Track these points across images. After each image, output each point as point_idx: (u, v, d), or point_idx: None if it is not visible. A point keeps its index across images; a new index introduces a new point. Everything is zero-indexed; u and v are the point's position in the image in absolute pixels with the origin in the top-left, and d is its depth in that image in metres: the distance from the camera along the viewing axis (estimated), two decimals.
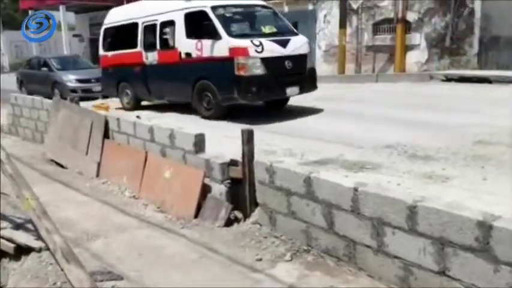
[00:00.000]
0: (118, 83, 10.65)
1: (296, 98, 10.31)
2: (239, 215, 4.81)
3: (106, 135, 6.78)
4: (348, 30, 15.94)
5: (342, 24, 15.80)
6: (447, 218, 3.06)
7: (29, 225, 4.88)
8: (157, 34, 9.42)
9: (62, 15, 33.07)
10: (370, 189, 3.56)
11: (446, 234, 3.07)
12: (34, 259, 4.22)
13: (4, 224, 5.00)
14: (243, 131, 4.65)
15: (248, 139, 4.60)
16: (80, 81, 15.54)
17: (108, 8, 34.62)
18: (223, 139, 6.32)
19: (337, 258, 3.83)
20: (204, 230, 4.70)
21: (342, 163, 5.06)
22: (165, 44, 9.29)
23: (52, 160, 7.78)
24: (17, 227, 4.94)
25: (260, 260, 3.96)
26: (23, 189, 4.37)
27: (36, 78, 17.04)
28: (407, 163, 5.33)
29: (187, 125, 6.16)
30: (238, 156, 4.95)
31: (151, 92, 9.94)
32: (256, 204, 4.61)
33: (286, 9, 18.27)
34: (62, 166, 7.51)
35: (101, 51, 11.34)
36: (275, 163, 4.36)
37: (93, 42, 36.19)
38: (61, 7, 32.06)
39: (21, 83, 18.43)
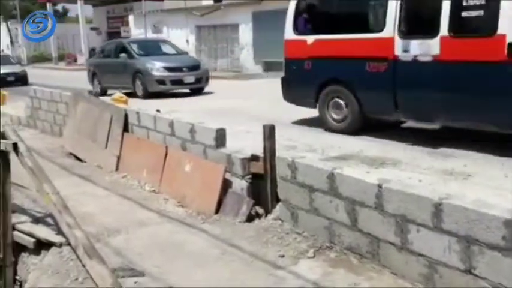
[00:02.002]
0: (322, 87, 6.95)
1: None
2: (260, 210, 4.80)
3: (125, 128, 6.81)
4: None
5: None
6: (474, 216, 3.03)
7: (49, 220, 4.93)
8: (445, 6, 5.53)
9: (80, 9, 33.39)
10: (394, 185, 3.54)
11: (472, 233, 3.03)
12: (54, 254, 4.24)
13: (24, 218, 5.05)
14: (264, 126, 4.64)
15: (270, 134, 4.59)
16: (168, 69, 13.01)
17: (125, 1, 34.70)
18: (243, 134, 6.33)
19: (360, 256, 3.81)
20: (225, 225, 4.70)
21: (362, 159, 5.05)
22: (467, 25, 5.66)
23: (71, 153, 7.83)
24: (37, 221, 4.97)
25: (283, 256, 3.95)
26: (44, 183, 4.39)
27: (113, 68, 14.28)
28: (427, 159, 5.30)
29: (207, 119, 6.15)
30: (257, 151, 4.97)
31: (404, 107, 6.20)
32: (278, 200, 4.61)
33: None
34: (80, 160, 7.55)
35: (289, 34, 7.58)
36: (297, 159, 4.34)
37: (111, 36, 36.58)
38: (79, 0, 32.31)
39: (93, 76, 15.44)
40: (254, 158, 4.92)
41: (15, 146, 4.37)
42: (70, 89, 10.58)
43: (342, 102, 6.75)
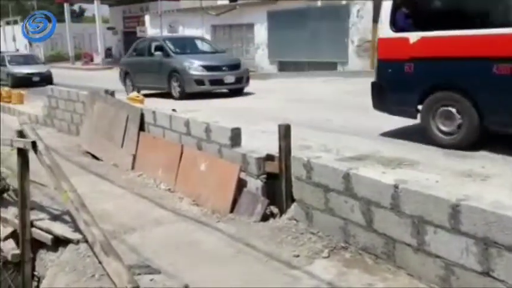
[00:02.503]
0: (428, 93, 5.74)
1: (327, 94, 10.28)
2: (275, 210, 4.80)
3: (141, 127, 6.86)
4: None
5: (376, 19, 15.59)
6: (492, 218, 2.99)
7: (66, 217, 5.00)
8: None
9: (96, 8, 33.70)
10: (411, 186, 3.51)
11: (490, 234, 3.00)
12: (72, 251, 4.30)
13: (42, 215, 5.13)
14: (280, 126, 4.63)
15: (285, 134, 4.59)
16: (207, 68, 11.99)
17: (142, 1, 34.90)
18: (259, 134, 6.33)
19: (375, 256, 3.79)
20: (240, 224, 4.71)
21: (378, 159, 5.00)
22: None
23: (87, 152, 7.92)
24: (55, 218, 5.05)
25: (297, 256, 3.95)
26: (61, 181, 4.45)
27: (146, 67, 13.28)
28: (444, 160, 5.24)
29: (222, 119, 6.17)
30: (270, 151, 4.97)
31: None
32: (293, 200, 4.60)
33: (319, 3, 18.15)
34: (97, 158, 7.63)
35: (385, 31, 6.27)
36: (313, 159, 4.34)
37: (127, 35, 36.89)
38: (95, 0, 32.62)
39: (125, 76, 14.34)
40: (269, 157, 4.92)
41: (34, 145, 4.44)
42: (94, 89, 10.68)
43: (454, 111, 5.53)
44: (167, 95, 12.46)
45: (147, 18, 28.12)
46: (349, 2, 17.04)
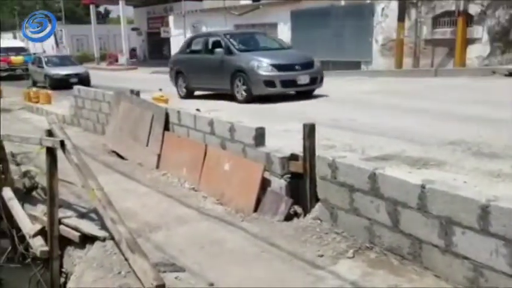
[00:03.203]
0: None
1: (351, 92, 10.22)
2: (299, 210, 4.78)
3: (166, 127, 6.93)
4: (406, 23, 15.59)
5: (400, 18, 15.47)
6: None
7: (93, 215, 5.08)
8: None
9: (121, 10, 34.17)
10: (439, 186, 3.46)
11: None
12: (98, 248, 4.37)
13: (69, 212, 5.24)
14: (304, 125, 4.61)
15: (309, 133, 4.57)
16: (278, 68, 10.35)
17: (165, 2, 35.27)
18: (282, 133, 6.32)
19: (401, 257, 3.74)
20: (264, 224, 4.71)
21: (404, 159, 4.94)
22: None
23: (113, 151, 8.02)
24: (82, 216, 5.15)
25: (321, 256, 3.93)
26: (89, 179, 4.53)
27: (204, 66, 11.73)
28: (472, 160, 5.14)
29: (246, 119, 6.19)
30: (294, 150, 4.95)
31: None
32: (317, 200, 4.58)
33: (343, 2, 18.04)
34: (122, 157, 7.73)
35: None
36: (338, 158, 4.31)
37: (151, 36, 37.34)
38: (120, 1, 33.09)
39: (177, 75, 12.78)
40: (293, 157, 4.91)
41: (62, 143, 4.52)
42: (119, 89, 10.79)
43: None
44: (227, 96, 11.13)
45: (170, 18, 28.36)
46: (373, 1, 16.88)
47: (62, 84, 18.46)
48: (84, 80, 18.70)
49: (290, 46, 12.57)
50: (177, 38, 26.79)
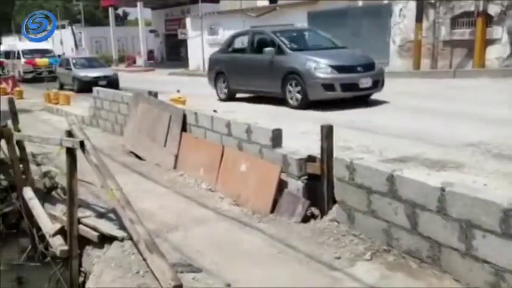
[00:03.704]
0: None
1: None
2: (316, 211, 4.77)
3: (184, 128, 6.97)
4: (425, 24, 15.45)
5: (419, 18, 15.34)
6: None
7: (111, 215, 5.13)
8: None
9: (139, 12, 34.52)
10: (459, 189, 3.42)
11: None
12: (117, 248, 4.41)
13: (88, 212, 5.30)
14: (322, 127, 4.60)
15: (327, 135, 4.55)
16: (338, 69, 9.32)
17: (183, 4, 35.39)
18: (300, 135, 6.31)
19: (420, 260, 3.71)
20: (281, 225, 4.71)
21: (422, 161, 4.90)
22: None
23: (131, 152, 8.09)
24: (100, 216, 5.20)
25: (339, 258, 3.91)
26: (108, 180, 4.57)
27: (250, 67, 10.73)
28: (492, 162, 5.07)
29: (262, 120, 6.20)
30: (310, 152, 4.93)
31: None
32: (334, 202, 4.56)
33: (360, 3, 17.95)
34: (140, 158, 7.79)
35: None
36: (355, 160, 4.29)
37: (168, 38, 37.62)
38: (138, 3, 33.45)
39: (217, 76, 11.88)
40: (310, 158, 4.90)
41: (82, 144, 4.57)
42: (138, 90, 10.87)
43: None
44: (274, 100, 10.21)
45: (188, 20, 28.52)
46: (391, 2, 16.75)
47: (90, 87, 16.24)
48: (113, 83, 17.91)
49: (344, 45, 11.12)
50: (194, 39, 26.96)
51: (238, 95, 11.68)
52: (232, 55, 11.65)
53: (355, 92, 9.46)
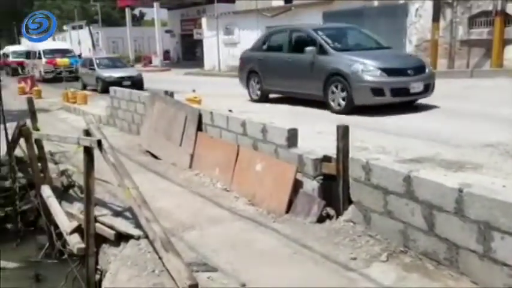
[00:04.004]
0: None
1: None
2: (331, 212, 4.75)
3: (199, 127, 7.00)
4: (441, 24, 15.30)
5: (435, 18, 15.19)
6: None
7: (127, 213, 5.18)
8: None
9: (156, 12, 34.77)
10: (477, 190, 3.37)
11: None
12: (133, 246, 4.44)
13: (105, 211, 5.35)
14: (338, 127, 4.58)
15: (343, 135, 4.53)
16: (388, 72, 8.56)
17: (199, 4, 35.48)
18: (315, 134, 6.29)
19: (436, 262, 3.67)
20: (296, 225, 4.70)
21: (439, 162, 4.86)
22: None
23: (147, 151, 8.15)
24: (117, 214, 5.25)
25: (355, 259, 3.89)
26: (125, 179, 4.60)
27: (288, 67, 10.05)
28: (511, 163, 5.00)
29: (278, 120, 6.19)
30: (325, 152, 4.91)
31: None
32: (350, 202, 4.54)
33: (376, 3, 17.84)
34: (156, 157, 7.84)
35: None
36: (372, 160, 4.26)
37: (184, 38, 37.82)
38: (155, 4, 33.69)
39: (249, 75, 11.31)
40: (326, 158, 4.88)
41: (99, 143, 4.61)
42: (154, 90, 10.92)
43: None
44: (312, 103, 9.63)
45: (203, 20, 28.63)
46: (407, 1, 16.62)
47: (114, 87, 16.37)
48: (137, 83, 17.42)
49: (389, 45, 10.29)
50: (210, 39, 27.05)
51: (271, 96, 11.24)
52: (267, 53, 10.98)
53: (405, 97, 8.77)
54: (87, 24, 43.77)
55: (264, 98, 11.05)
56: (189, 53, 37.87)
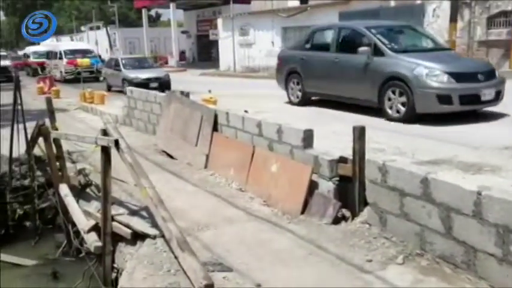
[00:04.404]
0: None
1: None
2: (347, 213, 4.73)
3: (215, 128, 7.02)
4: (459, 24, 15.14)
5: (453, 18, 15.04)
6: None
7: (143, 213, 5.21)
8: None
9: (172, 13, 34.98)
10: (496, 193, 3.33)
11: None
12: (149, 245, 4.47)
13: (121, 210, 5.39)
14: (354, 128, 4.56)
15: (359, 136, 4.51)
16: (456, 77, 7.73)
17: (214, 5, 35.54)
18: (331, 135, 6.27)
19: (454, 265, 3.63)
20: (311, 226, 4.68)
21: (456, 164, 4.79)
22: None
23: (163, 151, 8.20)
24: (133, 213, 5.28)
25: (370, 261, 3.87)
26: (142, 178, 4.64)
27: (336, 68, 9.22)
28: None
29: (292, 120, 6.18)
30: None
31: None
32: (366, 204, 4.52)
33: (392, 3, 17.72)
34: (171, 157, 7.88)
35: None
36: (388, 162, 4.23)
37: (200, 39, 37.99)
38: (171, 5, 33.90)
39: (289, 76, 10.56)
40: (342, 159, 4.86)
41: (116, 143, 4.65)
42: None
43: None
44: (366, 109, 8.74)
45: (219, 21, 28.73)
46: (424, 1, 16.47)
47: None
48: (164, 85, 16.34)
49: (449, 46, 9.35)
50: (225, 40, 27.13)
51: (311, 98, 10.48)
52: (311, 53, 10.04)
53: (475, 105, 7.94)
54: (104, 25, 44.29)
55: (305, 101, 10.28)
56: (205, 54, 38.02)
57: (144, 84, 15.25)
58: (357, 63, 8.71)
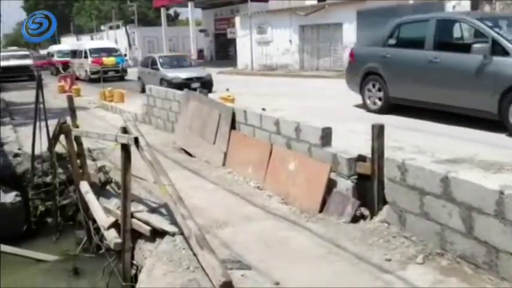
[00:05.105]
0: None
1: None
2: (365, 212, 4.71)
3: (233, 126, 7.04)
4: None
5: None
6: None
7: (162, 210, 5.25)
8: None
9: (190, 12, 35.14)
10: None
11: None
12: (168, 242, 4.50)
13: (141, 207, 5.44)
14: (373, 126, 4.53)
15: (378, 134, 4.48)
16: None
17: (232, 3, 35.52)
18: (348, 134, 6.24)
19: (475, 265, 3.58)
20: (330, 225, 4.67)
21: (477, 163, 4.72)
22: None
23: (182, 149, 8.25)
24: (152, 210, 5.32)
25: (389, 260, 3.84)
26: (161, 176, 4.68)
27: (435, 69, 7.61)
28: None
29: (311, 118, 6.15)
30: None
31: None
32: (385, 202, 4.48)
33: (411, 1, 17.53)
34: (190, 155, 7.93)
35: None
36: (408, 160, 4.19)
37: (217, 37, 38.11)
38: (189, 4, 34.06)
39: (364, 78, 9.01)
40: (361, 158, 4.83)
41: (136, 140, 4.70)
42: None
43: None
44: (477, 121, 7.24)
45: (237, 20, 28.74)
46: None
47: (181, 90, 12.19)
48: (207, 85, 14.73)
49: None
50: (243, 38, 27.14)
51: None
52: (397, 50, 8.39)
53: None
54: (123, 24, 44.67)
55: (387, 109, 8.61)
56: (222, 52, 38.12)
57: (185, 84, 13.64)
58: (467, 64, 7.12)
